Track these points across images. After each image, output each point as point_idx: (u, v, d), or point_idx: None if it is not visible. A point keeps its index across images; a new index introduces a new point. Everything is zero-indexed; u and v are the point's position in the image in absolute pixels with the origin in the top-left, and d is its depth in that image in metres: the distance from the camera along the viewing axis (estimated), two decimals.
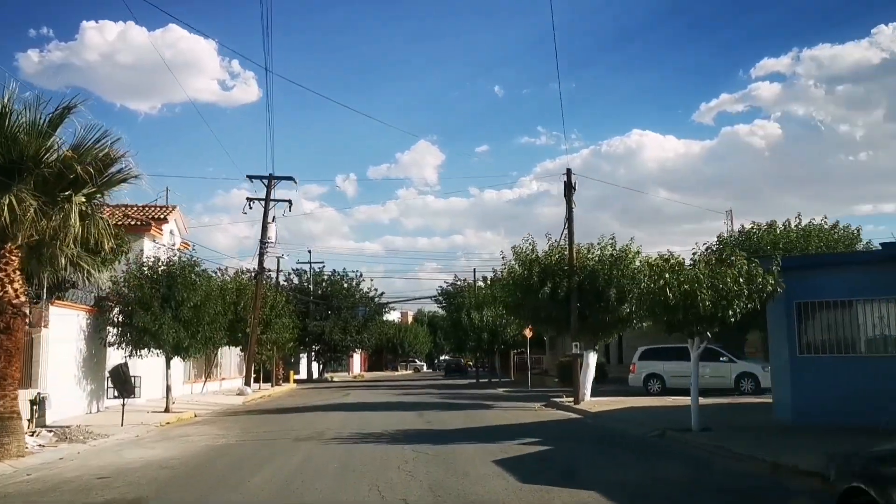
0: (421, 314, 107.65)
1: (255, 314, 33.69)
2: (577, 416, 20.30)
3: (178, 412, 22.47)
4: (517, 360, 50.13)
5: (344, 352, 62.56)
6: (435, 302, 61.54)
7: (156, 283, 21.84)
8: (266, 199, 34.90)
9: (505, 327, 39.24)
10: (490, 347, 40.35)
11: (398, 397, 31.26)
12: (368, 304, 63.04)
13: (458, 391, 36.43)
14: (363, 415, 21.31)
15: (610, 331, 23.49)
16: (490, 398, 29.75)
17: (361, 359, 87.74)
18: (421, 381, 53.61)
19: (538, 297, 22.72)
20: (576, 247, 23.44)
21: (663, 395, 27.60)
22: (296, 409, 24.92)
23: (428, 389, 38.72)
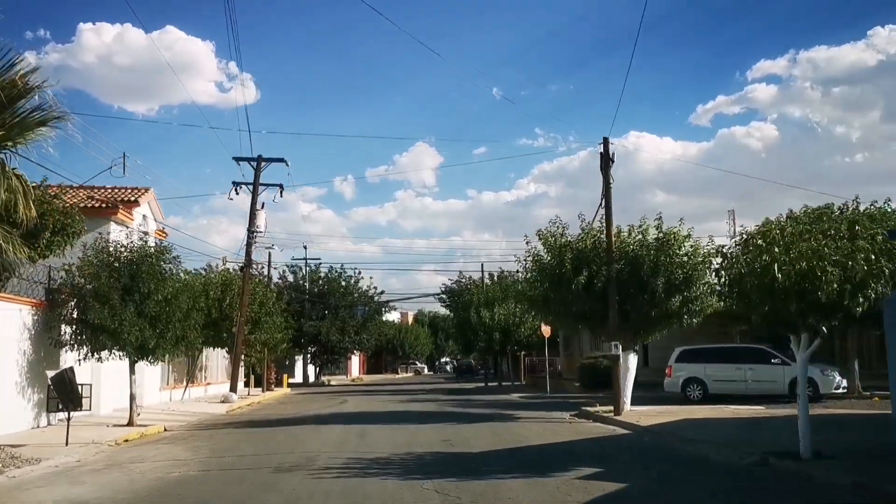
0: (422, 314, 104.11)
1: (241, 311, 30.10)
2: (626, 430, 16.71)
3: (145, 425, 18.87)
4: (528, 362, 46.57)
5: (342, 354, 58.95)
6: (438, 301, 57.97)
7: (116, 271, 18.23)
8: (254, 184, 31.31)
9: (518, 326, 35.70)
10: (502, 348, 36.75)
11: (403, 405, 27.68)
12: (367, 303, 59.43)
13: (469, 397, 32.82)
14: (364, 430, 17.72)
15: (654, 328, 19.92)
16: (508, 406, 26.17)
17: (360, 361, 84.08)
18: (424, 385, 50.02)
19: (570, 289, 19.16)
20: (613, 230, 19.88)
21: (705, 402, 24.13)
22: (285, 420, 21.33)
23: (434, 395, 35.12)
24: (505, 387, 40.63)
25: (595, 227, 20.24)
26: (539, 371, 47.54)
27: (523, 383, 45.91)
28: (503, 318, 35.70)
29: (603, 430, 16.97)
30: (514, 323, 35.72)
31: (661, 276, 18.85)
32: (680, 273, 18.95)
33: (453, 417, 21.15)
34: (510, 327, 35.70)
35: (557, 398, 30.17)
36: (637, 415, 19.01)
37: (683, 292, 18.97)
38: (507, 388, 39.31)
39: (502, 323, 35.80)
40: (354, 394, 38.39)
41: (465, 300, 41.56)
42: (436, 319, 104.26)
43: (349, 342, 57.53)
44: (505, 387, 40.63)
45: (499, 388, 40.54)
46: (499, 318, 35.74)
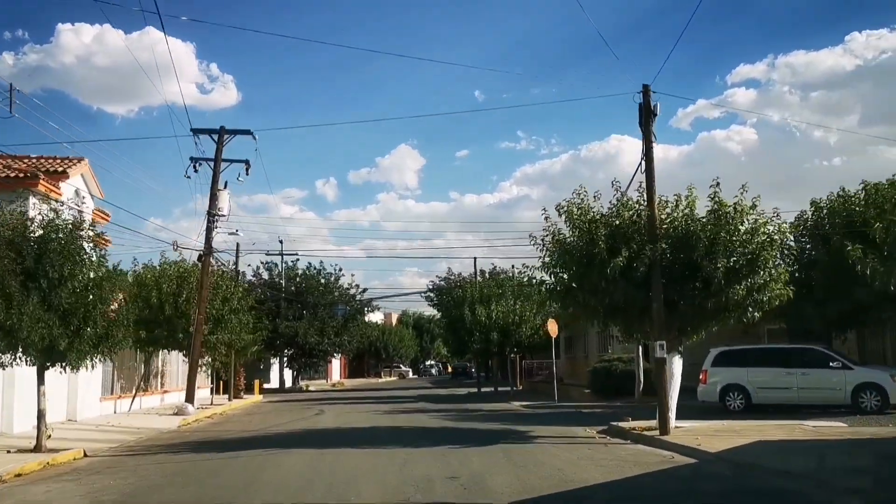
0: (406, 315, 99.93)
1: (199, 307, 25.76)
2: (688, 458, 12.61)
3: (58, 450, 14.57)
4: (524, 365, 42.47)
5: (321, 357, 54.57)
6: (425, 299, 53.81)
7: (15, 250, 13.92)
8: (216, 159, 26.95)
9: (519, 325, 31.55)
10: (500, 350, 32.55)
11: (389, 417, 23.51)
12: (348, 303, 55.11)
13: (464, 406, 28.66)
14: (340, 458, 13.54)
15: (706, 323, 15.78)
16: (514, 418, 22.08)
17: (341, 364, 79.64)
18: (410, 391, 45.80)
19: (604, 275, 15.04)
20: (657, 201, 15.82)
21: (748, 413, 20.30)
22: (243, 441, 17.08)
23: (423, 403, 30.95)
24: (501, 393, 36.50)
25: (632, 199, 16.11)
26: (536, 375, 43.49)
27: (519, 388, 41.83)
28: (502, 316, 31.55)
29: (656, 458, 12.86)
30: (514, 322, 31.60)
31: (719, 257, 14.77)
32: (743, 254, 14.91)
33: (453, 436, 17.02)
34: (509, 326, 31.57)
35: (567, 407, 26.09)
36: (689, 434, 14.95)
37: (748, 278, 14.92)
38: (504, 395, 35.18)
39: (501, 322, 31.66)
40: (334, 402, 34.14)
41: (457, 297, 37.41)
42: (421, 321, 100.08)
43: (329, 344, 53.17)
44: (501, 393, 36.50)
45: (494, 394, 36.40)
46: (497, 316, 31.58)
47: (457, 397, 36.39)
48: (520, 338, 31.45)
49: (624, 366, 27.05)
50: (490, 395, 36.51)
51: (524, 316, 31.58)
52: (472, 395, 37.34)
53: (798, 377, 20.76)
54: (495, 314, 31.31)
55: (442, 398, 35.68)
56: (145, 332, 25.62)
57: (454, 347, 36.66)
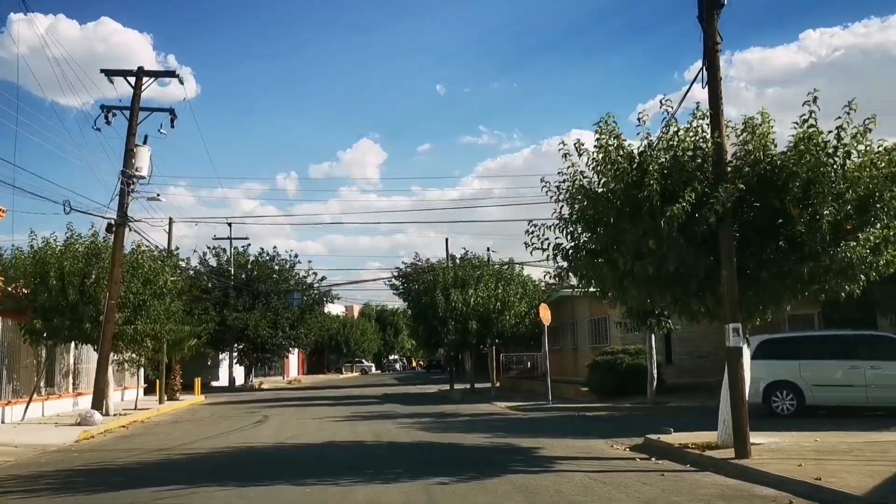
0: (368, 308, 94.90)
1: (110, 290, 20.61)
2: (810, 502, 8.04)
3: None
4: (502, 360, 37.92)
5: (275, 351, 49.40)
6: (390, 287, 49.03)
7: None
8: (132, 108, 21.71)
9: (501, 313, 26.86)
10: (480, 341, 27.78)
11: (349, 424, 18.74)
12: (305, 292, 50.02)
13: (439, 408, 23.98)
14: (274, 497, 8.76)
15: (791, 296, 11.23)
16: (507, 426, 17.48)
17: (299, 360, 74.44)
18: (373, 389, 40.98)
19: (654, 227, 10.41)
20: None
21: (801, 417, 16.13)
22: (138, 470, 12.15)
23: (391, 405, 26.22)
24: (480, 392, 31.86)
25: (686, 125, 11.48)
26: (512, 370, 38.98)
27: (497, 386, 37.29)
28: (481, 302, 26.84)
29: (758, 498, 8.28)
30: (496, 309, 26.92)
31: (824, 202, 10.22)
32: (854, 198, 10.40)
33: (437, 458, 12.31)
34: (490, 314, 26.88)
35: (565, 410, 21.60)
36: (779, 455, 10.42)
37: (859, 231, 10.44)
38: (483, 394, 30.56)
39: (480, 308, 26.95)
40: (285, 403, 29.21)
41: (428, 282, 32.66)
42: (384, 313, 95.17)
43: (283, 338, 48.08)
44: (480, 392, 31.86)
45: (472, 392, 31.75)
46: (476, 302, 26.88)
47: (429, 397, 31.66)
48: (502, 327, 26.81)
49: (630, 359, 22.63)
50: (466, 393, 31.85)
51: (507, 302, 26.96)
52: (445, 395, 32.62)
53: (867, 372, 16.50)
54: (473, 300, 26.64)
55: (412, 398, 30.94)
56: (41, 322, 20.47)
57: (424, 340, 31.85)
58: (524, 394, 30.04)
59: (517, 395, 29.47)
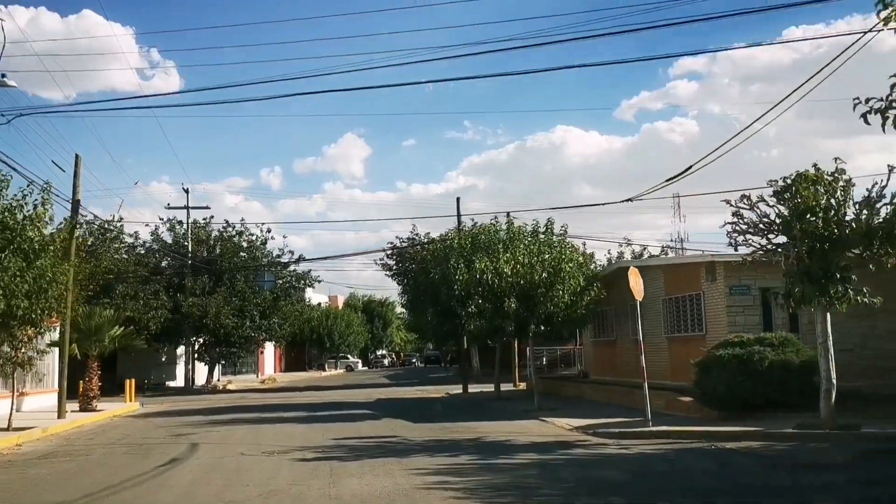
0: (354, 298, 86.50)
1: None
2: None
3: None
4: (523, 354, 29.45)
5: (242, 345, 40.78)
6: (382, 267, 40.46)
7: None
8: None
9: (550, 287, 18.12)
10: (520, 327, 18.76)
11: (325, 471, 10.27)
12: (279, 274, 41.46)
13: (467, 429, 15.56)
14: None
15: None
16: (641, 488, 9.09)
17: (276, 356, 65.82)
18: (362, 391, 32.65)
19: None
20: None
21: None
22: None
23: (389, 420, 17.94)
24: (509, 397, 23.55)
25: None
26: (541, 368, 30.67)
27: (520, 388, 28.99)
28: (524, 272, 18.08)
29: None
30: (543, 281, 18.20)
31: None
32: None
33: None
34: (536, 289, 18.10)
35: (681, 436, 13.30)
36: None
37: None
38: (515, 401, 22.32)
39: (521, 280, 18.13)
40: (242, 416, 20.87)
41: (438, 252, 24.04)
42: (371, 304, 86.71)
43: (252, 328, 39.52)
44: (509, 397, 23.55)
45: (498, 398, 23.40)
46: (515, 272, 18.16)
47: (434, 404, 23.34)
48: (553, 308, 18.22)
49: (774, 353, 14.36)
50: (489, 400, 23.52)
51: (560, 272, 18.34)
52: (461, 402, 24.31)
53: None
54: (511, 268, 18.12)
55: (416, 407, 22.61)
56: None
57: (434, 328, 23.02)
58: (571, 401, 21.81)
59: (564, 403, 21.17)
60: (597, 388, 21.97)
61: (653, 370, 21.91)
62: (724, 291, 18.01)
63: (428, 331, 23.24)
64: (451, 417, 18.56)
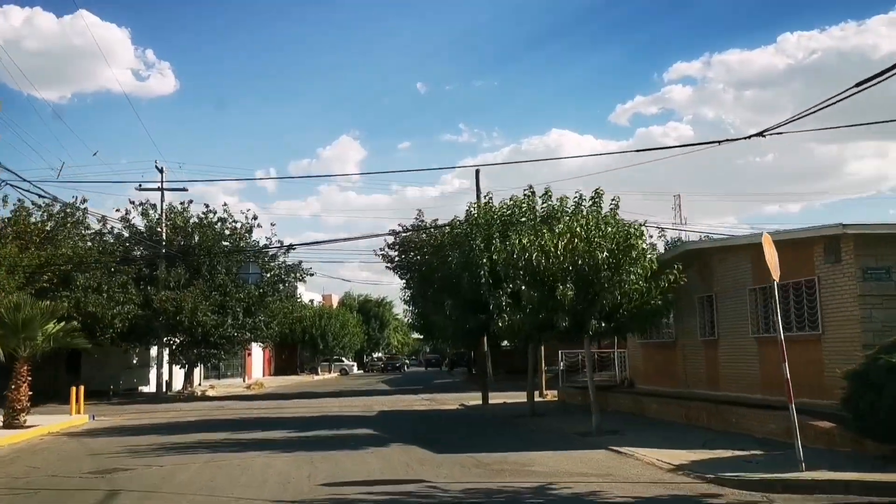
0: (349, 297, 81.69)
1: None
2: None
3: None
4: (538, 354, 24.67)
5: (223, 346, 35.90)
6: (382, 258, 35.73)
7: None
8: None
9: (617, 269, 13.34)
10: (576, 322, 13.88)
11: None
12: (266, 266, 36.61)
13: (527, 475, 10.75)
14: None
15: None
16: None
17: (264, 358, 60.97)
18: (359, 400, 27.99)
19: None
20: None
21: None
22: None
23: (403, 451, 13.07)
24: (546, 413, 18.80)
25: None
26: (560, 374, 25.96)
27: (548, 398, 24.32)
28: (583, 249, 13.22)
29: None
30: (608, 263, 13.33)
31: None
32: None
33: None
34: (599, 271, 13.17)
35: (867, 486, 8.48)
36: None
37: None
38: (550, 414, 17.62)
39: (580, 261, 13.25)
40: (211, 433, 16.17)
41: (458, 235, 19.13)
42: (367, 304, 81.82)
43: (234, 327, 34.67)
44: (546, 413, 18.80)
45: (533, 414, 18.61)
46: (569, 248, 13.32)
47: (462, 421, 18.61)
48: (622, 297, 13.34)
49: None
50: (520, 416, 18.74)
51: (629, 249, 13.45)
52: (487, 417, 19.57)
53: None
54: (566, 245, 13.31)
55: (428, 424, 17.91)
56: None
57: (456, 324, 17.93)
58: (631, 420, 17.05)
59: (624, 422, 16.38)
60: (666, 404, 17.20)
61: (735, 381, 17.28)
62: (855, 275, 13.29)
63: (446, 328, 18.36)
64: (487, 443, 13.82)
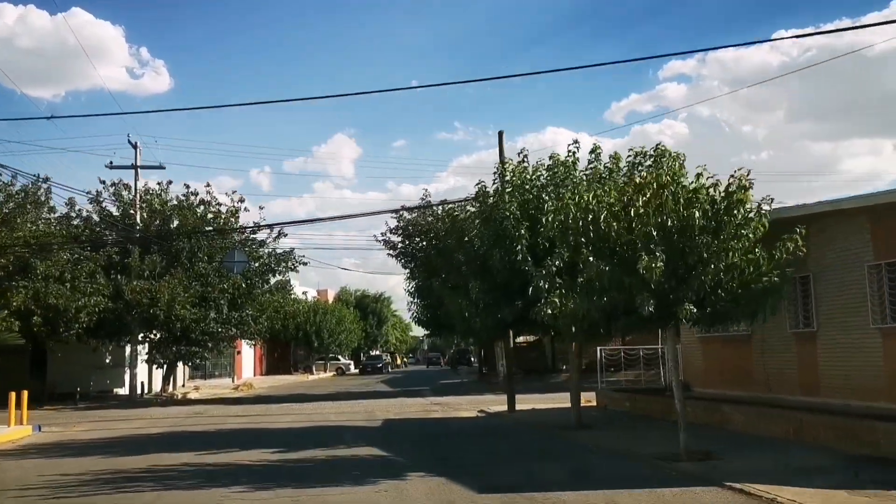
0: (345, 293, 77.97)
1: None
2: None
3: None
4: None
5: (205, 344, 32.04)
6: (384, 245, 32.12)
7: None
8: None
9: (715, 233, 9.73)
10: (665, 308, 10.36)
11: None
12: (253, 253, 32.75)
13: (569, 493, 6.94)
14: None
15: None
16: None
17: (255, 356, 57.11)
18: (358, 404, 24.41)
19: None
20: None
21: None
22: None
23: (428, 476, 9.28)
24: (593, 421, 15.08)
25: None
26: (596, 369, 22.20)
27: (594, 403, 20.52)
28: (676, 209, 9.52)
29: None
30: (709, 227, 9.61)
31: None
32: None
33: None
34: (700, 236, 9.49)
35: None
36: None
37: None
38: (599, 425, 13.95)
39: (675, 225, 9.59)
40: (174, 452, 12.45)
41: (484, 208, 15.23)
42: (365, 300, 78.08)
43: (218, 322, 30.82)
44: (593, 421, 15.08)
45: (580, 426, 14.83)
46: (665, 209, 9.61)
47: (491, 436, 14.87)
48: (726, 271, 9.64)
49: None
50: (565, 428, 14.95)
51: (739, 205, 9.83)
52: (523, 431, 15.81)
53: None
54: (651, 202, 9.51)
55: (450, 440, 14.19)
56: None
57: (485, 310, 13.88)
58: (714, 433, 13.24)
59: (711, 438, 12.60)
60: (759, 415, 13.41)
61: (845, 385, 13.49)
62: None
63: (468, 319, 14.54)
64: (541, 473, 10.07)
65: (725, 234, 10.21)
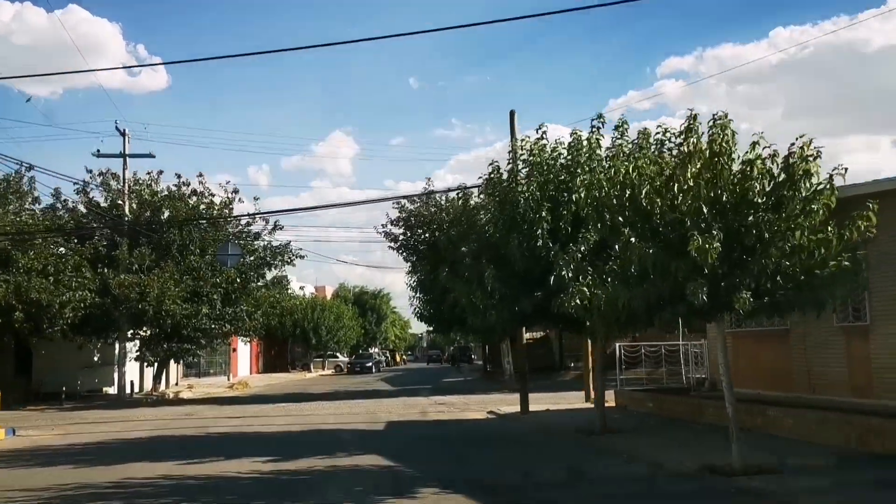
0: (344, 289, 76.41)
1: None
2: None
3: None
4: None
5: (197, 341, 30.51)
6: (384, 236, 30.65)
7: None
8: None
9: (777, 208, 8.32)
10: (720, 296, 8.89)
11: None
12: (248, 246, 31.22)
13: None
14: None
15: None
16: None
17: (252, 354, 55.57)
18: (358, 404, 22.90)
19: None
20: None
21: None
22: None
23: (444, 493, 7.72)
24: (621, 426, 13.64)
25: None
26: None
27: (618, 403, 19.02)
28: (732, 180, 8.15)
29: None
30: (772, 202, 8.23)
31: None
32: None
33: None
34: (753, 216, 8.18)
35: None
36: None
37: None
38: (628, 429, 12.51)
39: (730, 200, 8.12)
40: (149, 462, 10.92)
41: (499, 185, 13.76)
42: (363, 296, 76.53)
43: (210, 317, 29.30)
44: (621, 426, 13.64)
45: (607, 431, 13.36)
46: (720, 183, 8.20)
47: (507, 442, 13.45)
48: (791, 253, 8.35)
49: None
50: (591, 434, 13.50)
51: (805, 176, 8.56)
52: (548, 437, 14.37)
53: None
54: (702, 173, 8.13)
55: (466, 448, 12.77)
56: None
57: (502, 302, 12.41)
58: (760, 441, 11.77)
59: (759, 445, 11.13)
60: (818, 420, 11.97)
61: None
62: None
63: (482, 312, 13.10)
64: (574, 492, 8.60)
65: (788, 211, 8.75)
